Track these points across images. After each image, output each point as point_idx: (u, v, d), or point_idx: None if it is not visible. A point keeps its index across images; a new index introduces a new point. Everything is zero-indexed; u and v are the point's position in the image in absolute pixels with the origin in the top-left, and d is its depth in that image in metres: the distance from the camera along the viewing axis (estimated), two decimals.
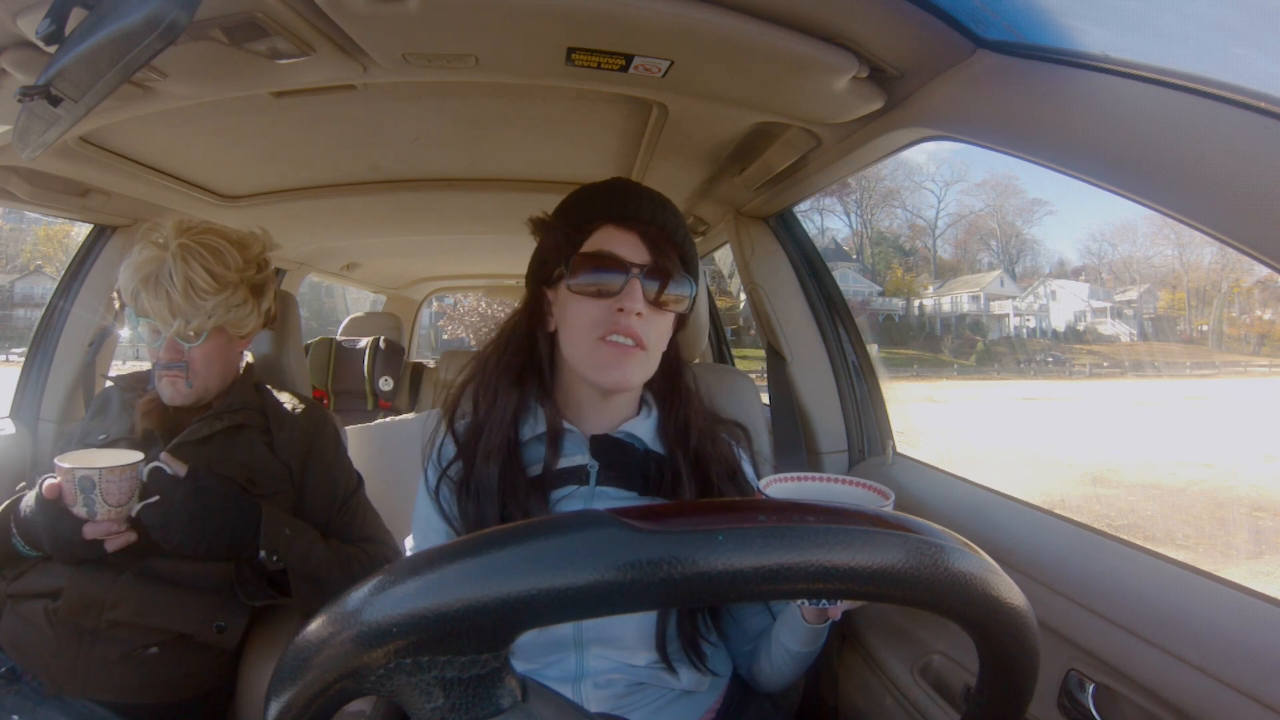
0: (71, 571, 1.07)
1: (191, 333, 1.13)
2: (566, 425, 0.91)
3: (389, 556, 1.22)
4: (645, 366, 0.88)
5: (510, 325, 0.96)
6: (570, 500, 0.89)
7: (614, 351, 0.85)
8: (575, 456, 0.90)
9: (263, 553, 1.08)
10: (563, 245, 0.90)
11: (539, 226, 0.95)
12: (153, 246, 1.12)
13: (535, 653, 0.86)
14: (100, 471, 0.96)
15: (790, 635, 0.85)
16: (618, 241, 0.87)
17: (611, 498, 0.90)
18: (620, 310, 0.84)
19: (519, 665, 0.89)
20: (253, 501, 1.11)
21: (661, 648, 0.86)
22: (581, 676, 0.86)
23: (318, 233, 2.33)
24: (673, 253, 0.89)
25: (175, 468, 1.05)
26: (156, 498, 1.03)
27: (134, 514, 1.02)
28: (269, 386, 1.31)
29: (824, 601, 0.76)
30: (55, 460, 0.97)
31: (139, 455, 1.01)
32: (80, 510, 0.97)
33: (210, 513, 1.06)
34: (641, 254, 0.87)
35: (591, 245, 0.88)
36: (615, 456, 0.90)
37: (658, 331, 0.88)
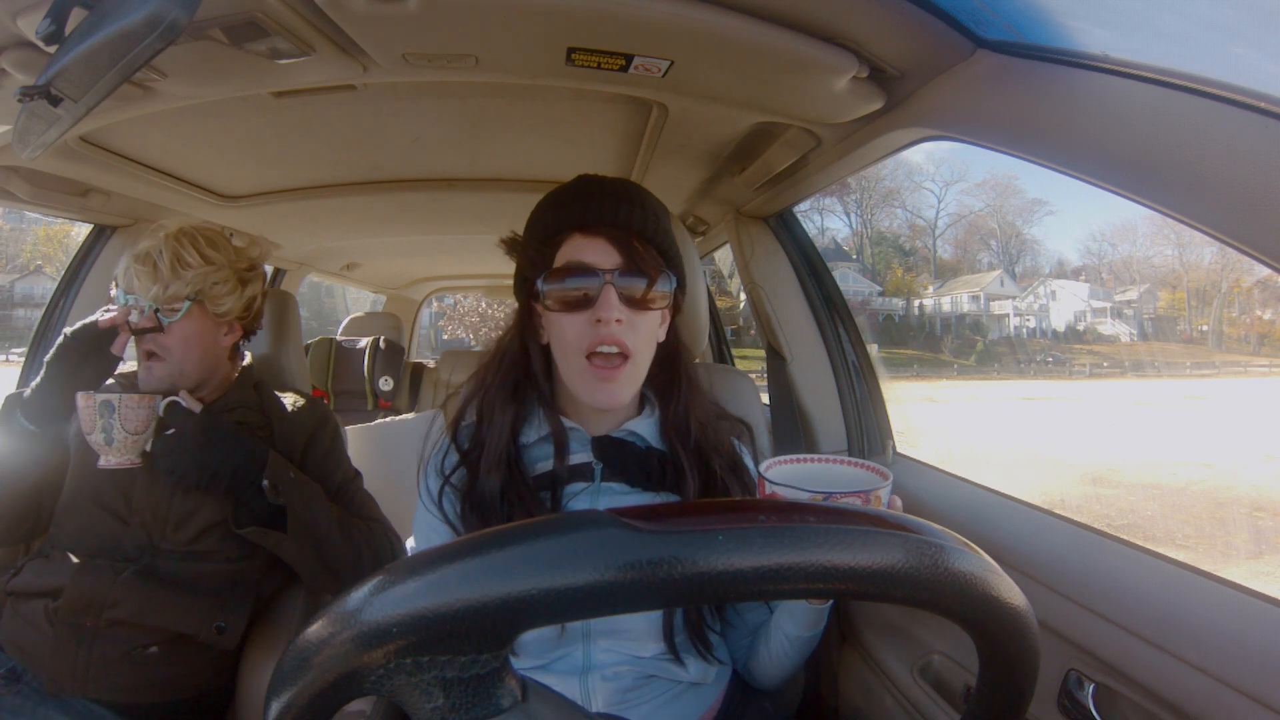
0: (72, 570, 1.07)
1: (172, 305, 1.13)
2: (570, 425, 0.91)
3: (390, 538, 1.22)
4: (633, 379, 0.88)
5: (505, 341, 0.96)
6: (578, 498, 0.89)
7: (599, 374, 0.85)
8: (580, 454, 0.91)
9: (265, 481, 1.08)
10: (536, 261, 0.89)
11: (511, 247, 0.94)
12: (153, 236, 1.15)
13: (542, 648, 0.86)
14: (120, 396, 1.03)
15: (790, 619, 0.85)
16: (586, 249, 0.85)
17: (616, 493, 0.90)
18: (598, 321, 0.84)
19: (526, 661, 0.87)
20: (262, 447, 1.11)
21: (669, 638, 0.86)
22: (589, 669, 0.86)
23: (318, 233, 2.33)
24: (645, 248, 0.87)
25: (191, 404, 1.09)
26: (171, 431, 1.07)
27: (148, 448, 1.07)
28: (269, 388, 1.31)
29: None
30: (78, 393, 1.04)
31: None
32: (98, 437, 1.03)
33: (217, 445, 1.07)
34: (611, 258, 0.85)
35: (561, 258, 0.86)
36: (617, 455, 0.91)
37: (641, 335, 0.87)
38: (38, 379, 1.09)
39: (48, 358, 1.09)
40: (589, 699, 0.85)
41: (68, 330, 1.10)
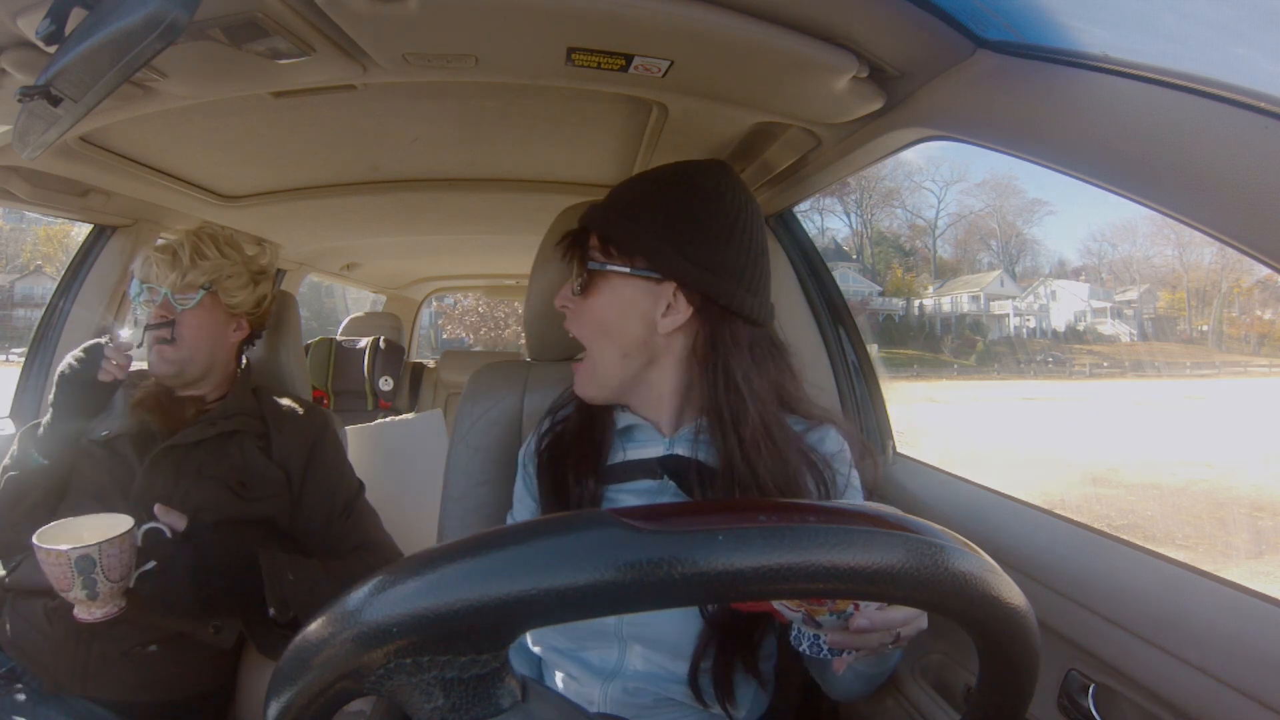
0: None
1: (187, 293, 1.17)
2: (643, 420, 0.90)
3: (388, 561, 1.21)
4: (590, 374, 0.87)
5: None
6: (642, 495, 0.88)
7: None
8: (648, 448, 0.89)
9: (272, 610, 1.04)
10: None
11: None
12: (174, 233, 1.18)
13: (579, 632, 0.85)
14: (100, 547, 0.86)
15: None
16: None
17: (674, 494, 0.88)
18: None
19: (560, 641, 0.85)
20: (249, 549, 1.07)
21: (693, 683, 0.82)
22: (618, 674, 0.84)
23: (318, 233, 2.33)
24: (586, 238, 0.87)
25: (172, 521, 0.99)
26: (153, 564, 0.96)
27: (131, 584, 0.93)
28: (269, 393, 1.31)
29: (826, 652, 0.69)
30: (35, 541, 0.87)
31: (129, 520, 0.93)
32: (79, 593, 0.87)
33: (214, 574, 1.01)
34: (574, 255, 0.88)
35: None
36: (680, 468, 0.88)
37: (585, 325, 0.87)
38: (48, 417, 1.09)
39: (50, 398, 1.09)
40: (604, 703, 0.83)
41: (63, 369, 1.09)
